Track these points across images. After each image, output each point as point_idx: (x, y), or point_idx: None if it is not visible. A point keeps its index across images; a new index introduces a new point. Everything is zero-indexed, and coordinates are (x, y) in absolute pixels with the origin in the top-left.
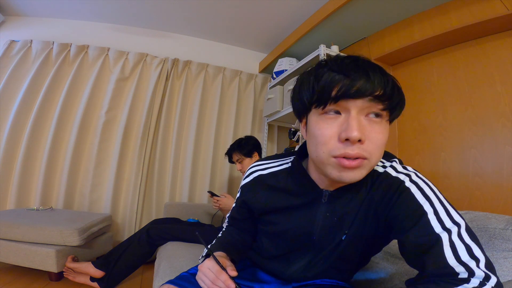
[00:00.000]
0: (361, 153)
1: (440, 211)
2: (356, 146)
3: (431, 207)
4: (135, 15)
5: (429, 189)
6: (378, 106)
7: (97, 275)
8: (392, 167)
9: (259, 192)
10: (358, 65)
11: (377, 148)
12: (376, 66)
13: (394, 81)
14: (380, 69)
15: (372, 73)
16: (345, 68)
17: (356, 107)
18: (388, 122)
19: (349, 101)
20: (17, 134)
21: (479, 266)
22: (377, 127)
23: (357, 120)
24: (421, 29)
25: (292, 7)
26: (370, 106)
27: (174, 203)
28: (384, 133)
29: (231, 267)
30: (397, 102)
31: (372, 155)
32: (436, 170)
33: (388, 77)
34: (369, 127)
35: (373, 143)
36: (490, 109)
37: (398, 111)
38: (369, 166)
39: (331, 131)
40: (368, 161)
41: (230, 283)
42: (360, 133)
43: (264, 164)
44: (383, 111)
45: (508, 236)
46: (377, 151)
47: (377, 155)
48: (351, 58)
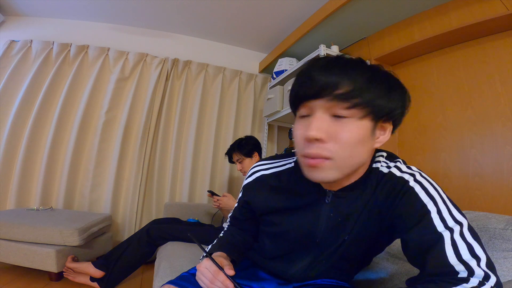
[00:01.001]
0: (320, 152)
1: (443, 210)
2: (315, 146)
3: (434, 206)
4: (135, 15)
5: (433, 188)
6: (343, 104)
7: (97, 275)
8: (396, 167)
9: (262, 192)
10: (327, 65)
11: (342, 147)
12: (346, 63)
13: (370, 77)
14: (350, 66)
15: (337, 72)
16: (312, 69)
17: (321, 107)
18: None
19: (312, 101)
20: (17, 134)
21: (480, 265)
22: (343, 126)
23: (319, 120)
24: (421, 29)
25: (292, 7)
26: (333, 105)
27: (174, 203)
28: (353, 132)
29: (228, 266)
30: (373, 97)
31: (335, 155)
32: (436, 170)
33: (358, 73)
34: (334, 127)
35: (337, 143)
36: (490, 109)
37: (384, 105)
38: (337, 167)
39: (300, 132)
40: (333, 161)
41: (228, 283)
42: (318, 133)
43: (267, 164)
44: (351, 110)
45: (508, 236)
46: (343, 151)
47: (344, 155)
48: (327, 59)
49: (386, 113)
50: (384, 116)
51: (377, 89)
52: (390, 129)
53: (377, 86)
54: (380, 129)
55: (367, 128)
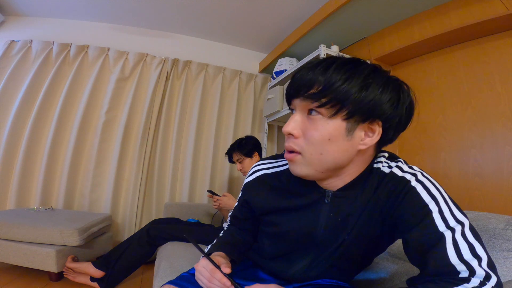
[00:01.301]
0: (292, 146)
1: (444, 210)
2: (290, 140)
3: (436, 206)
4: (135, 15)
5: (434, 188)
6: (314, 103)
7: (97, 275)
8: (398, 167)
9: (262, 192)
10: (310, 65)
11: (309, 144)
12: (331, 64)
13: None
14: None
15: (316, 72)
16: (300, 71)
17: (298, 105)
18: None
19: (294, 100)
20: (17, 134)
21: (481, 265)
22: (312, 124)
23: (295, 116)
24: (421, 29)
25: (292, 7)
26: (306, 104)
27: (174, 203)
28: (320, 130)
29: (225, 264)
30: (342, 97)
31: (304, 150)
32: (436, 170)
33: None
34: (307, 124)
35: (305, 139)
36: (490, 109)
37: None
38: (306, 162)
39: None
40: (302, 157)
41: (226, 281)
42: (289, 128)
43: (268, 164)
44: (320, 108)
45: (508, 236)
46: (310, 147)
47: (311, 151)
48: (320, 59)
49: (366, 113)
50: (367, 117)
51: (351, 88)
52: (379, 131)
53: (351, 85)
54: (368, 130)
55: (337, 127)
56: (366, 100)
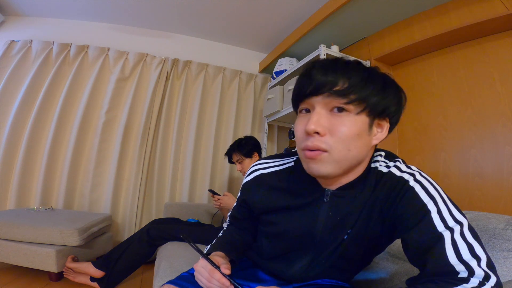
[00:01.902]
0: (319, 144)
1: (443, 210)
2: (314, 138)
3: (434, 206)
4: (135, 15)
5: (433, 188)
6: (340, 100)
7: (97, 275)
8: (396, 167)
9: (260, 191)
10: (325, 66)
11: (339, 141)
12: (341, 64)
13: (364, 75)
14: (345, 66)
15: (332, 70)
16: (311, 70)
17: (319, 103)
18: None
19: (312, 98)
20: (17, 134)
21: (480, 265)
22: (340, 120)
23: (318, 114)
24: (421, 29)
25: (292, 7)
26: (330, 101)
27: (174, 203)
28: (350, 126)
29: (225, 265)
30: (367, 94)
31: (332, 148)
32: (436, 170)
33: (358, 71)
34: (332, 121)
35: (334, 136)
36: (490, 109)
37: (378, 103)
38: (333, 160)
39: (300, 127)
40: (329, 154)
41: (225, 281)
42: (316, 126)
43: (266, 163)
44: (348, 105)
45: (508, 236)
46: (339, 144)
47: (339, 148)
48: (326, 61)
49: (381, 110)
50: (380, 113)
51: (371, 87)
52: (387, 126)
53: (372, 84)
54: (377, 126)
55: (364, 123)
56: (385, 98)
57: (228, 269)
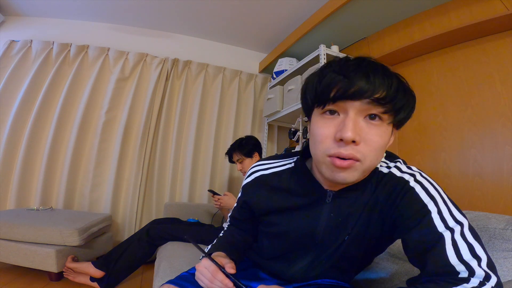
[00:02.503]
0: (354, 154)
1: (443, 211)
2: (349, 147)
3: (435, 206)
4: (135, 15)
5: (433, 188)
6: (378, 108)
7: (97, 275)
8: (396, 167)
9: (261, 192)
10: (360, 66)
11: (372, 150)
12: (379, 67)
13: (399, 83)
14: (384, 70)
15: (373, 75)
16: (346, 69)
17: (354, 108)
18: (391, 126)
19: (347, 102)
20: (17, 134)
21: (481, 266)
22: (375, 129)
23: (353, 121)
24: (421, 29)
25: (292, 7)
26: (369, 108)
27: (174, 203)
28: (383, 136)
29: (229, 264)
30: (401, 105)
31: (365, 157)
32: (436, 170)
33: (392, 79)
34: (366, 129)
35: (368, 146)
36: (490, 109)
37: (403, 114)
38: (362, 169)
39: (328, 131)
40: (361, 164)
41: (228, 282)
42: (354, 134)
43: (266, 164)
44: (384, 114)
45: (508, 236)
46: (372, 154)
47: (371, 158)
48: (356, 60)
49: (402, 121)
50: (401, 124)
51: (405, 99)
52: (395, 132)
53: (405, 96)
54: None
55: (389, 133)
56: (411, 111)
57: (233, 268)
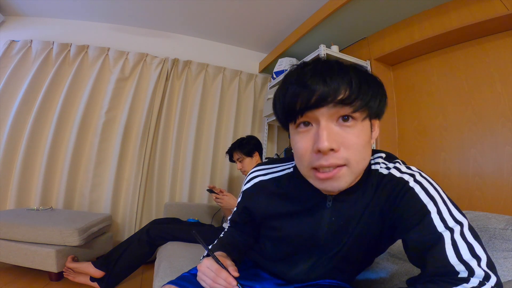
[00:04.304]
0: (336, 162)
1: (443, 211)
2: (329, 156)
3: (434, 206)
4: (135, 15)
5: (433, 188)
6: (346, 109)
7: (97, 275)
8: (396, 168)
9: (261, 198)
10: (316, 70)
11: (354, 152)
12: (335, 66)
13: (359, 76)
14: (340, 68)
15: (329, 77)
16: (304, 78)
17: (323, 115)
18: (367, 120)
19: (314, 111)
20: (17, 134)
21: (480, 265)
22: (351, 131)
23: (326, 129)
24: (421, 29)
25: (292, 7)
26: (337, 111)
27: (174, 203)
28: (360, 136)
29: (232, 267)
30: (369, 98)
31: (350, 160)
32: (436, 170)
33: (351, 74)
34: (342, 133)
35: (348, 149)
36: (490, 109)
37: (375, 104)
38: (351, 172)
39: (305, 144)
40: (348, 168)
41: (232, 280)
42: (330, 143)
43: (265, 170)
44: (355, 113)
45: (508, 236)
46: (355, 155)
47: (356, 159)
48: (312, 64)
49: (378, 112)
50: (377, 115)
51: (370, 90)
52: (378, 124)
53: (369, 87)
54: (373, 126)
55: (368, 127)
56: (382, 100)
57: (236, 271)
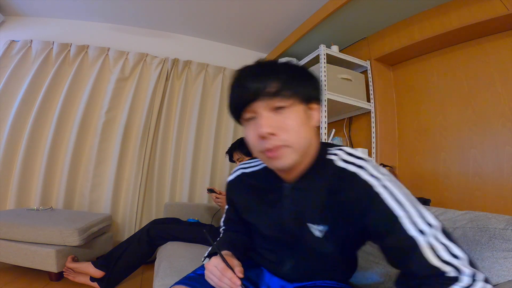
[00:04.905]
0: (277, 143)
1: (412, 214)
2: (271, 140)
3: (403, 211)
4: (135, 15)
5: (399, 192)
6: (278, 99)
7: (97, 275)
8: (359, 166)
9: (241, 191)
10: (251, 72)
11: (292, 133)
12: (267, 65)
13: (287, 69)
14: (271, 65)
15: (261, 76)
16: (241, 80)
17: (260, 107)
18: (301, 105)
19: (253, 105)
20: (17, 134)
21: (464, 264)
22: (286, 115)
23: (265, 117)
24: (421, 29)
25: (292, 7)
26: (271, 102)
27: (174, 203)
28: (296, 118)
29: (239, 267)
30: (296, 86)
31: (289, 141)
32: (436, 170)
33: (279, 69)
34: (280, 118)
35: (286, 131)
36: (490, 109)
37: (304, 90)
38: (293, 150)
39: (252, 133)
40: (290, 147)
41: (236, 280)
42: (267, 128)
43: (249, 163)
44: (285, 101)
45: (508, 236)
46: (293, 136)
47: (295, 139)
48: (249, 67)
49: (308, 96)
50: (309, 99)
51: (297, 81)
52: (318, 108)
53: (296, 79)
54: (312, 109)
55: (302, 111)
56: (308, 86)
57: (241, 273)
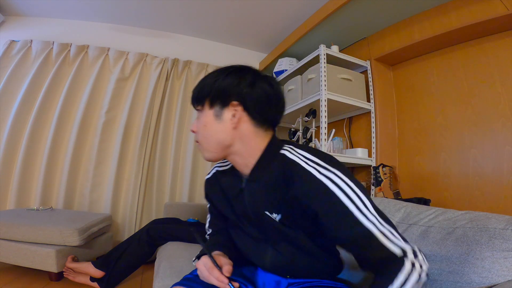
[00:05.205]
0: (196, 139)
1: (359, 205)
2: (195, 136)
3: (350, 202)
4: (135, 15)
5: (345, 185)
6: (196, 106)
7: (97, 275)
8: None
9: (215, 189)
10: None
11: (200, 132)
12: (204, 77)
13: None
14: (203, 79)
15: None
16: None
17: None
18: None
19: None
20: (17, 134)
21: (405, 242)
22: (199, 117)
23: (196, 119)
24: (421, 29)
25: (292, 7)
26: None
27: (174, 203)
28: (201, 121)
29: (227, 266)
30: (201, 93)
31: (199, 139)
32: (436, 170)
33: (200, 83)
34: (198, 120)
35: (198, 131)
36: (490, 109)
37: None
38: (204, 148)
39: None
40: (200, 144)
41: (223, 278)
42: (193, 126)
43: (223, 162)
44: (199, 107)
45: (508, 236)
46: (200, 135)
47: (202, 138)
48: None
49: (220, 98)
50: (223, 102)
51: (205, 86)
52: (240, 109)
53: (205, 85)
54: (233, 111)
55: (208, 115)
56: (217, 88)
57: (229, 272)
